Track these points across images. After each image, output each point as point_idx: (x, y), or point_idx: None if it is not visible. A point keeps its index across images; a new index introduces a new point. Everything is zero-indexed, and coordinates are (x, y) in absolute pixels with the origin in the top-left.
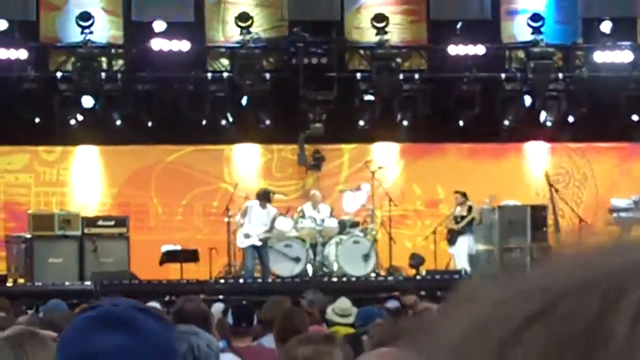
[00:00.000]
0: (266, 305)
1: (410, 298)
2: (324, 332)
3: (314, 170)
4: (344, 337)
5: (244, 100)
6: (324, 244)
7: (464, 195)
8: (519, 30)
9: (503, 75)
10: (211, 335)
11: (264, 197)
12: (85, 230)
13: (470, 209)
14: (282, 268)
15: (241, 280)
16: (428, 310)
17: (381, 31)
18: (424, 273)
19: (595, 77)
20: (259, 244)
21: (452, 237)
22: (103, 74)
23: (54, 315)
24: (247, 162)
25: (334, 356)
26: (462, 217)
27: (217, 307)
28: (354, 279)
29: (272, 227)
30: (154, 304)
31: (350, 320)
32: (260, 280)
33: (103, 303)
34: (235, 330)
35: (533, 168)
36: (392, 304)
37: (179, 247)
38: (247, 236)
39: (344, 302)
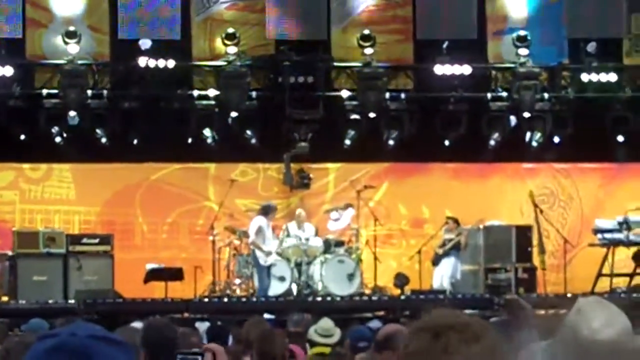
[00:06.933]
0: (245, 326)
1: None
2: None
3: (300, 190)
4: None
5: (230, 119)
6: (308, 263)
7: (456, 221)
8: (504, 50)
9: (489, 95)
10: None
11: (271, 211)
12: (70, 248)
13: (458, 233)
14: None
15: (225, 299)
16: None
17: (367, 50)
18: (408, 293)
19: (581, 98)
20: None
21: (436, 259)
22: (89, 92)
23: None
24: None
25: None
26: (450, 240)
27: (203, 326)
28: (338, 298)
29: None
30: (138, 324)
31: (333, 340)
32: (244, 299)
33: (61, 331)
34: None
35: (518, 188)
36: (375, 324)
37: (163, 266)
38: (269, 254)
39: (326, 323)
